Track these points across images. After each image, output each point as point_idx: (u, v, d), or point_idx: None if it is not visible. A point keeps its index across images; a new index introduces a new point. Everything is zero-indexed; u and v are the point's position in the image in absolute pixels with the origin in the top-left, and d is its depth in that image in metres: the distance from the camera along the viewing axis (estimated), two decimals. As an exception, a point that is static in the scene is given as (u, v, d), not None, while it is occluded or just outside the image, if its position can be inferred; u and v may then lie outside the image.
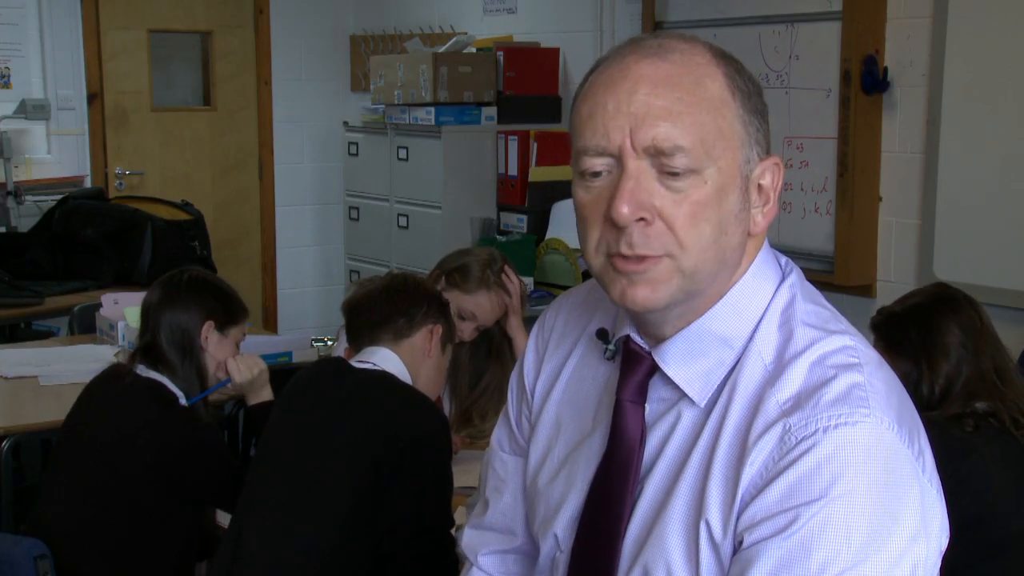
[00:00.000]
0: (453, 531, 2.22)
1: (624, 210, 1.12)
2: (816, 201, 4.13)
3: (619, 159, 1.14)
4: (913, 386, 2.32)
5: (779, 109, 4.18)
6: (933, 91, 3.79)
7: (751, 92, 1.18)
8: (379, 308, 2.40)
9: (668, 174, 1.13)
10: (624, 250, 1.15)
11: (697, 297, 1.19)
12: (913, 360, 2.34)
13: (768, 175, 1.19)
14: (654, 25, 4.64)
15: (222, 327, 2.69)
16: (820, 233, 4.12)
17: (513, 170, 5.17)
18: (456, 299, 2.93)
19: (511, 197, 5.20)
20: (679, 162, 1.12)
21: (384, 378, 2.30)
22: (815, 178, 4.13)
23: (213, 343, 2.68)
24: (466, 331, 3.05)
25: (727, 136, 1.15)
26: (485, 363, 3.17)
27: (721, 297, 1.21)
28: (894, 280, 4.00)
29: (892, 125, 3.97)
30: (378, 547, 2.15)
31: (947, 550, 2.18)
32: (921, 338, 2.35)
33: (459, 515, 2.40)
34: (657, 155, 1.13)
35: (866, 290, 4.05)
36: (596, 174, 1.16)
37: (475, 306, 3.04)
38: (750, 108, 1.17)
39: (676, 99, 1.13)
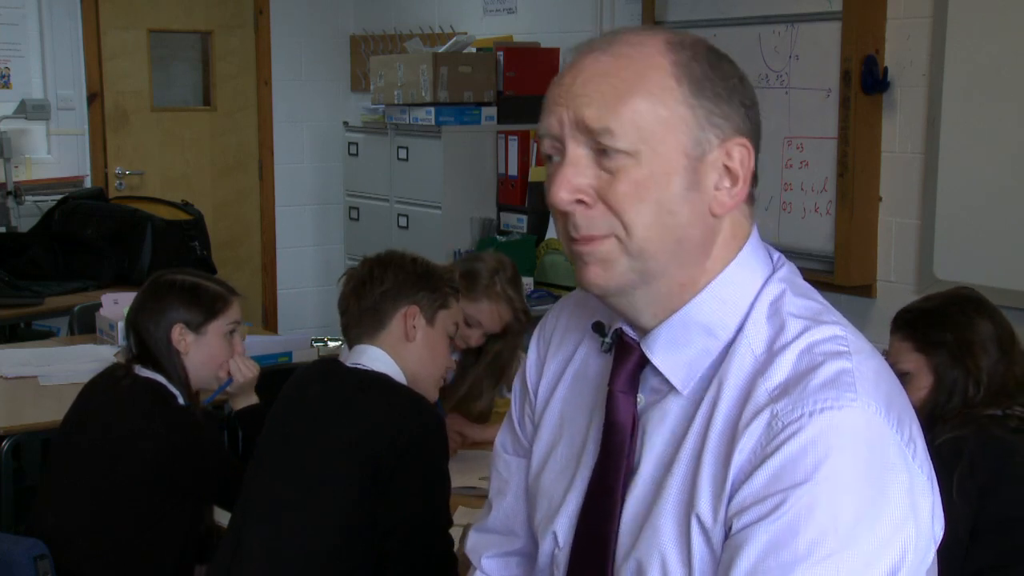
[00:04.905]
0: (452, 531, 2.23)
1: (562, 195, 1.17)
2: (816, 201, 4.13)
3: (563, 146, 1.19)
4: (951, 385, 2.30)
5: (779, 109, 4.18)
6: (933, 91, 3.79)
7: (707, 78, 1.18)
8: (351, 308, 2.38)
9: (603, 156, 1.17)
10: (572, 233, 1.19)
11: (658, 279, 1.20)
12: (953, 358, 2.31)
13: (735, 156, 1.20)
14: (653, 25, 4.64)
15: (196, 327, 2.64)
16: (820, 233, 4.12)
17: (513, 170, 5.17)
18: (462, 306, 2.94)
19: (511, 197, 5.21)
20: (610, 143, 1.16)
21: (378, 379, 2.29)
22: (815, 178, 4.13)
23: (191, 344, 2.64)
24: (473, 337, 3.10)
25: (668, 122, 1.16)
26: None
27: (704, 286, 1.21)
28: (894, 280, 4.00)
29: (892, 125, 3.97)
30: (378, 547, 2.15)
31: (977, 549, 2.19)
32: (956, 336, 2.32)
33: (458, 515, 2.40)
34: (591, 138, 1.17)
35: (866, 290, 4.05)
36: (549, 158, 1.22)
37: (478, 313, 3.09)
38: (705, 93, 1.18)
39: (611, 87, 1.16)
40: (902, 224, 3.97)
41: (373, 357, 2.33)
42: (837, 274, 4.02)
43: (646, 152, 1.16)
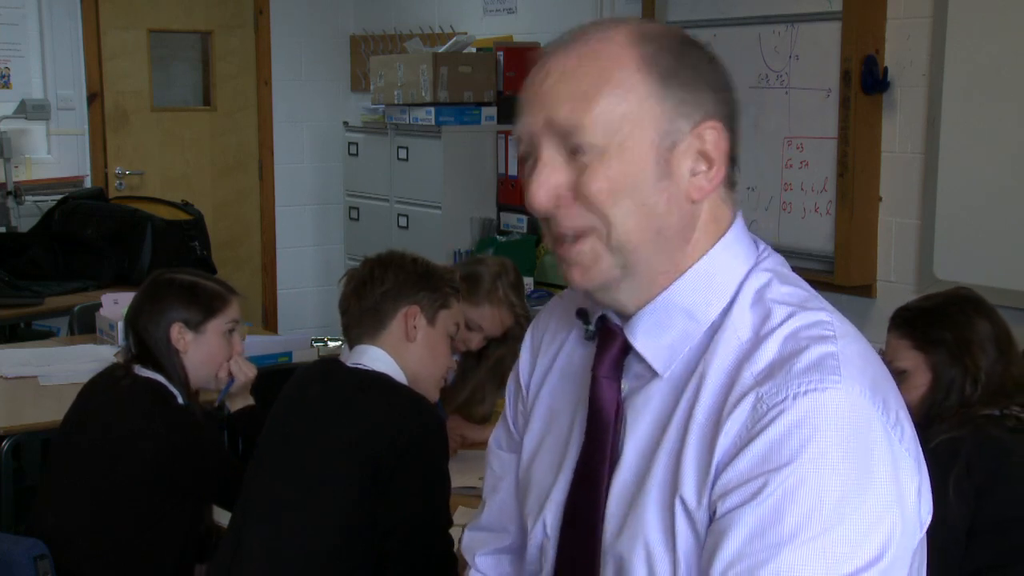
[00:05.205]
0: (452, 531, 2.23)
1: (540, 198, 1.19)
2: (816, 201, 4.13)
3: (537, 148, 1.20)
4: (948, 384, 2.30)
5: (779, 109, 4.18)
6: (933, 91, 3.79)
7: (674, 68, 1.19)
8: (351, 309, 2.38)
9: (574, 155, 1.18)
10: (555, 228, 1.20)
11: (640, 271, 1.21)
12: (951, 356, 2.32)
13: (708, 139, 1.20)
14: (654, 25, 4.63)
15: (195, 326, 2.64)
16: (820, 233, 4.12)
17: (513, 170, 5.17)
18: (463, 309, 2.94)
19: (511, 197, 5.20)
20: (580, 140, 1.17)
21: (379, 379, 2.29)
22: (815, 178, 4.13)
23: (190, 343, 2.64)
24: (474, 341, 3.10)
25: (635, 116, 1.17)
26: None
27: (686, 270, 1.22)
28: (894, 280, 4.00)
29: (892, 125, 3.97)
30: (378, 547, 2.15)
31: (974, 549, 2.19)
32: (955, 335, 2.33)
33: (458, 515, 2.40)
34: (562, 137, 1.18)
35: (866, 290, 4.05)
36: (525, 160, 1.22)
37: (480, 318, 3.10)
38: (672, 84, 1.18)
39: (578, 86, 1.17)
40: (902, 224, 3.97)
41: (374, 357, 2.33)
42: (837, 274, 4.02)
43: (615, 147, 1.16)
